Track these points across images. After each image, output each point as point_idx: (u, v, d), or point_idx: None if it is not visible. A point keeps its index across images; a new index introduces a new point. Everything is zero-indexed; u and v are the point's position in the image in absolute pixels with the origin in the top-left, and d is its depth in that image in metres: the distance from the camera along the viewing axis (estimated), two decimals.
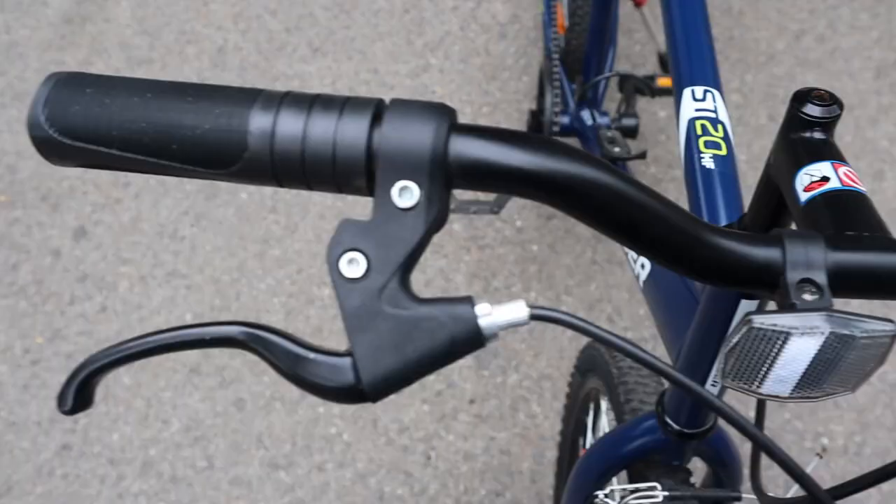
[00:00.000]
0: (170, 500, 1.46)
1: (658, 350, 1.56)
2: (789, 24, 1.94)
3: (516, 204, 1.73)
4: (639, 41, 1.93)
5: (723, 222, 0.67)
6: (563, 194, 0.36)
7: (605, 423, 1.02)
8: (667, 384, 0.75)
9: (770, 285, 0.38)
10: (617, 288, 1.63)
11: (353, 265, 0.36)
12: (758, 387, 0.38)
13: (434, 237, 0.38)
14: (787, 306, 0.36)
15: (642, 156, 1.18)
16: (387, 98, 0.37)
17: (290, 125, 0.35)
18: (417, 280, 1.65)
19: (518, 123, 1.82)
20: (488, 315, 0.36)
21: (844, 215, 0.41)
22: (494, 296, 1.63)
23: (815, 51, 1.90)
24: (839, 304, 0.36)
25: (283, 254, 1.71)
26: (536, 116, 1.31)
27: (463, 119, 1.88)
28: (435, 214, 0.36)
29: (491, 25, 1.99)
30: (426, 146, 0.35)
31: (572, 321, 0.36)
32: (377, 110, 0.36)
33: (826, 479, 1.43)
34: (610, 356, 0.98)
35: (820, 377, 0.37)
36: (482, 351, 1.56)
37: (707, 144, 0.69)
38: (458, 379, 1.55)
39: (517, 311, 0.36)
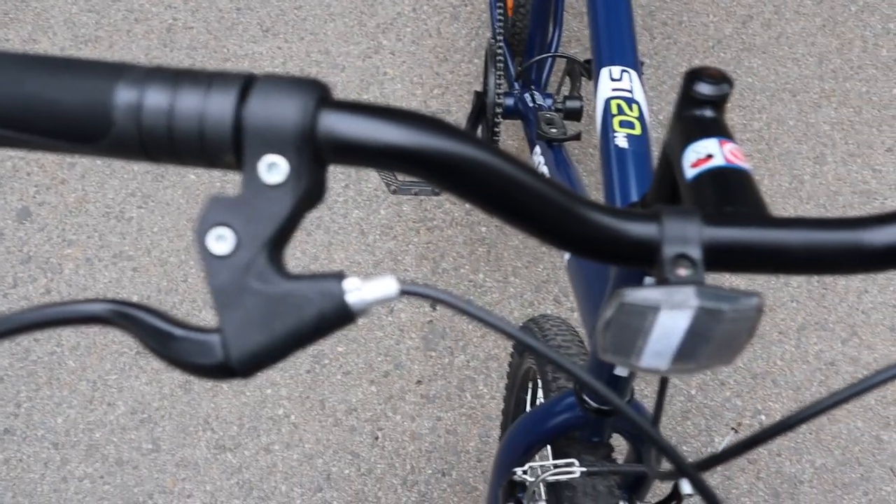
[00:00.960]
0: (115, 483, 1.45)
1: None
2: (737, 8, 1.97)
3: None
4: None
5: (633, 200, 0.68)
6: (435, 170, 0.37)
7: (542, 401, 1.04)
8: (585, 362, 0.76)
9: (648, 260, 0.38)
10: (564, 270, 1.65)
11: (221, 241, 0.36)
12: (636, 360, 0.39)
13: (386, 217, 0.38)
14: (660, 281, 0.37)
15: (577, 137, 1.19)
16: (341, 80, 0.37)
17: (156, 100, 0.35)
18: (366, 262, 1.65)
19: (468, 106, 1.83)
20: (357, 290, 0.36)
21: (726, 192, 0.42)
22: (443, 277, 1.64)
23: (761, 36, 1.93)
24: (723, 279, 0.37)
25: None
26: (481, 98, 1.32)
27: (414, 102, 1.89)
28: (304, 191, 0.36)
29: (443, 7, 1.99)
30: (292, 121, 0.35)
31: (443, 297, 0.37)
32: (245, 85, 0.36)
33: (764, 454, 1.47)
34: (541, 334, 0.99)
35: (694, 350, 0.38)
36: (430, 332, 1.58)
37: (621, 124, 0.70)
38: (405, 360, 1.56)
39: (387, 286, 0.37)
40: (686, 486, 0.74)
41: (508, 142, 1.81)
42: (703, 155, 0.44)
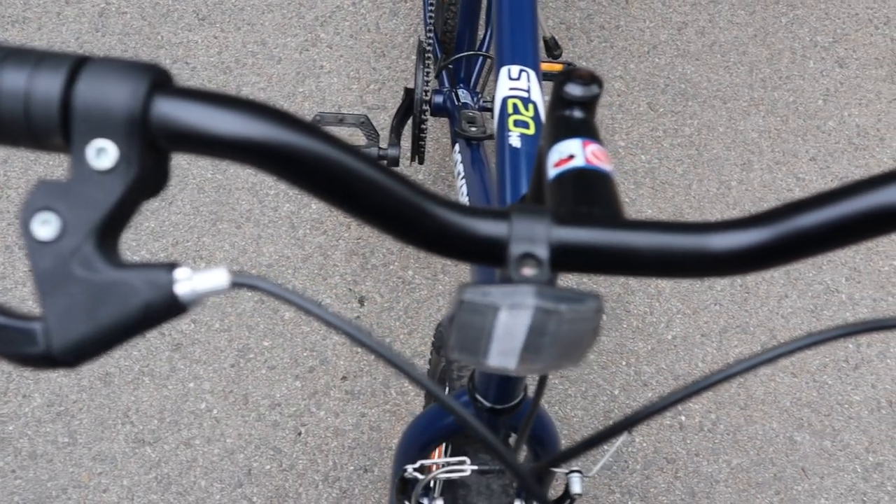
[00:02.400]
0: (27, 477, 1.42)
1: None
2: (673, 15, 2.00)
3: None
4: None
5: None
6: (276, 163, 0.36)
7: None
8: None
9: (497, 259, 0.38)
10: None
11: (46, 226, 0.35)
12: (484, 359, 0.39)
13: (317, 212, 0.37)
14: (505, 280, 0.37)
15: (492, 136, 1.19)
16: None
17: None
18: (295, 256, 1.64)
19: None
20: (187, 281, 0.36)
21: (583, 193, 0.42)
22: (372, 273, 1.63)
23: (695, 43, 1.96)
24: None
25: (158, 226, 1.67)
26: (410, 94, 1.32)
27: (349, 97, 1.88)
28: (135, 178, 0.35)
29: (383, 2, 1.98)
30: (122, 105, 0.34)
31: (273, 289, 0.37)
32: (76, 66, 0.35)
33: (682, 454, 1.49)
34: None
35: (540, 349, 0.38)
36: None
37: (516, 123, 0.70)
38: (331, 355, 1.55)
39: (217, 277, 0.36)
40: (576, 485, 0.75)
41: (444, 139, 1.81)
42: (565, 155, 0.44)
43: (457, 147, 1.13)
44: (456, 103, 1.26)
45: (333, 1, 1.97)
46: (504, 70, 0.75)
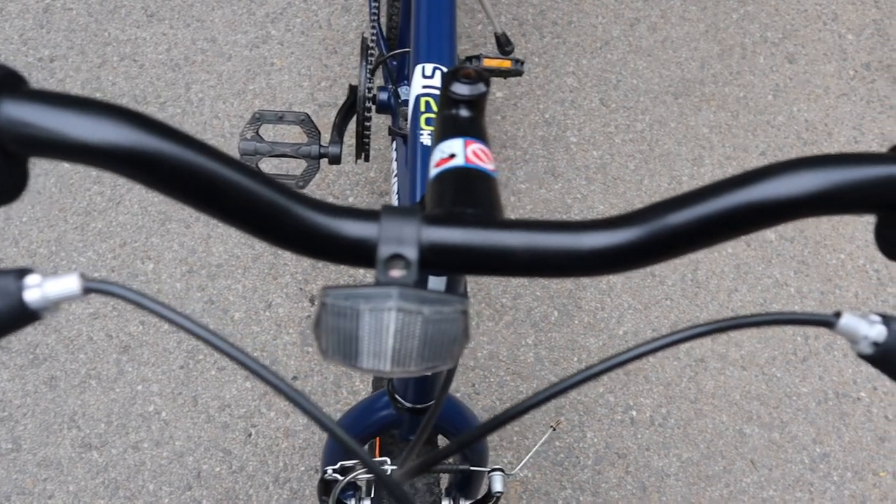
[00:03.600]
0: None
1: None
2: (625, 11, 2.01)
3: (349, 181, 1.72)
4: (481, 21, 1.95)
5: None
6: (132, 167, 0.35)
7: None
8: None
9: (367, 260, 0.38)
10: None
11: None
12: (357, 362, 0.39)
13: None
14: (378, 283, 0.37)
15: None
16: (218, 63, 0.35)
17: None
18: (245, 255, 1.62)
19: None
20: (37, 288, 0.35)
21: (461, 192, 0.42)
22: (323, 272, 1.62)
23: (647, 39, 1.97)
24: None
25: (106, 226, 1.64)
26: (355, 91, 1.30)
27: (300, 94, 1.86)
28: None
29: None
30: None
31: (128, 295, 0.36)
32: None
33: (633, 449, 1.50)
34: None
35: (410, 351, 0.38)
36: (308, 328, 1.56)
37: (427, 121, 0.69)
38: (281, 355, 1.54)
39: (69, 283, 0.35)
40: (497, 484, 0.75)
41: None
42: (446, 154, 0.44)
43: (394, 145, 1.12)
44: (397, 100, 1.25)
45: None
46: (419, 68, 0.74)
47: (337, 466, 0.70)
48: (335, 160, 1.16)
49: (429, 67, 0.74)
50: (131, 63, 1.84)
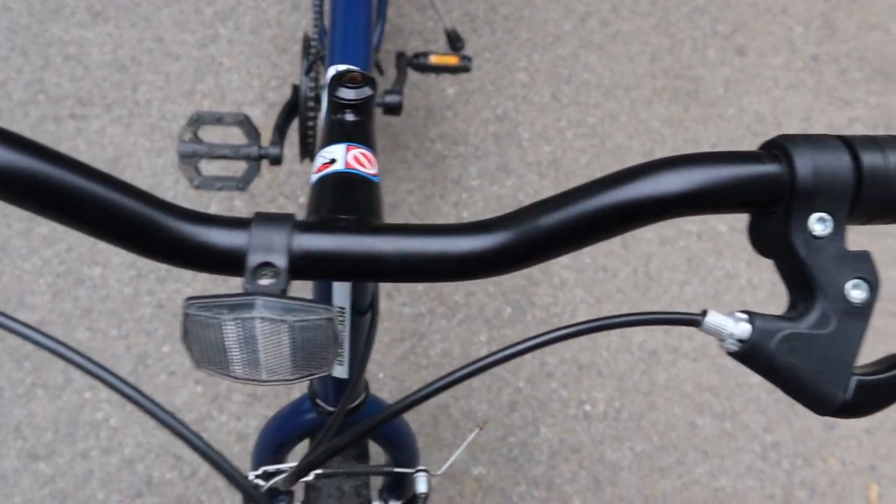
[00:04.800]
0: None
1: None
2: (576, 6, 2.01)
3: (300, 180, 1.71)
4: (431, 17, 1.94)
5: None
6: None
7: None
8: None
9: (238, 269, 0.38)
10: None
11: None
12: (231, 371, 0.39)
13: (218, 212, 0.35)
14: (245, 292, 0.37)
15: None
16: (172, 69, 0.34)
17: None
18: None
19: None
20: None
21: (339, 197, 0.42)
22: None
23: (598, 33, 1.98)
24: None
25: (51, 232, 1.61)
26: (297, 91, 1.29)
27: (250, 94, 1.84)
28: None
29: None
30: None
31: None
32: None
33: (587, 443, 1.51)
34: None
35: (281, 359, 0.38)
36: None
37: None
38: None
39: None
40: (422, 485, 0.75)
41: None
42: (327, 160, 0.44)
43: None
44: None
45: None
46: (331, 70, 0.74)
47: (260, 472, 0.70)
48: (276, 161, 1.15)
49: (342, 69, 0.73)
50: (76, 64, 1.80)
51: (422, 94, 1.84)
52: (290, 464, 0.73)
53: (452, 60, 1.51)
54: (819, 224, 0.40)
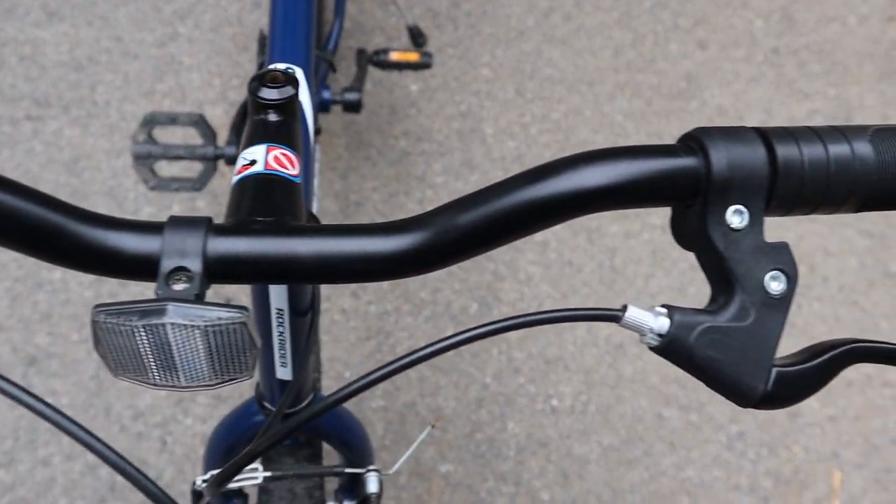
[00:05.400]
0: None
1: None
2: (539, 1, 2.01)
3: None
4: (394, 13, 1.93)
5: None
6: None
7: None
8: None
9: (152, 274, 0.37)
10: None
11: None
12: (150, 379, 0.38)
13: (179, 213, 0.34)
14: (157, 297, 0.36)
15: (317, 132, 1.17)
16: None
17: None
18: None
19: None
20: None
21: (259, 199, 0.42)
22: None
23: (561, 28, 1.98)
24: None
25: None
26: None
27: (211, 93, 1.82)
28: None
29: None
30: None
31: None
32: None
33: (554, 437, 1.51)
34: None
35: (201, 365, 0.37)
36: None
37: None
38: None
39: None
40: (373, 485, 0.74)
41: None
42: (247, 161, 0.43)
43: None
44: None
45: None
46: (272, 68, 0.73)
47: (208, 476, 0.69)
48: (232, 161, 1.14)
49: (281, 67, 0.72)
50: (31, 64, 1.77)
51: (385, 91, 1.83)
52: (249, 466, 0.72)
53: (413, 57, 1.50)
54: (736, 216, 0.41)
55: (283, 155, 0.43)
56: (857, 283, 1.71)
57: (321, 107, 1.30)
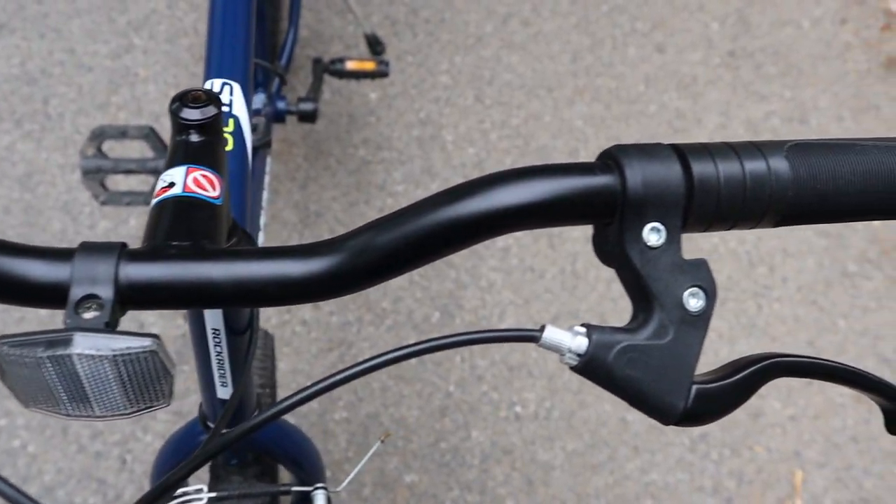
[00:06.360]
0: None
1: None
2: (497, 7, 2.01)
3: None
4: (352, 21, 1.92)
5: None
6: None
7: None
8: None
9: (61, 302, 0.36)
10: None
11: None
12: (64, 410, 0.37)
13: (136, 227, 0.32)
14: (66, 327, 0.35)
15: (267, 144, 1.16)
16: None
17: None
18: None
19: None
20: None
21: (176, 223, 0.41)
22: None
23: (519, 34, 1.98)
24: None
25: None
26: None
27: (167, 105, 1.80)
28: None
29: (199, 4, 1.91)
30: None
31: None
32: None
33: (518, 444, 1.51)
34: None
35: (114, 394, 0.37)
36: (182, 346, 1.51)
37: None
38: None
39: None
40: (320, 501, 0.73)
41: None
42: (166, 183, 0.43)
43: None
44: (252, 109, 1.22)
45: (148, 4, 1.89)
46: (207, 85, 0.72)
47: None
48: None
49: (217, 83, 0.71)
50: None
51: (344, 100, 1.82)
52: (189, 487, 0.72)
53: (369, 65, 1.50)
54: (653, 234, 0.40)
55: (204, 176, 0.43)
56: (816, 283, 1.73)
57: (276, 118, 1.29)
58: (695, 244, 1.75)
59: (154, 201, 0.42)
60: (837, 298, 1.71)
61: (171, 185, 0.42)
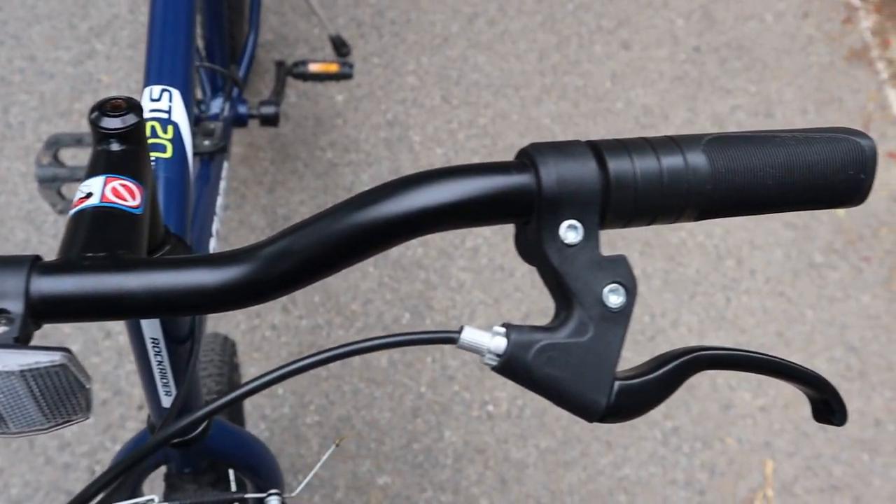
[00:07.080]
0: None
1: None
2: (463, 7, 2.02)
3: None
4: (317, 24, 1.92)
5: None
6: None
7: None
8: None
9: None
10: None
11: None
12: (2, 428, 0.37)
13: None
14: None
15: (223, 149, 1.15)
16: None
17: None
18: None
19: None
20: None
21: (92, 234, 0.41)
22: None
23: (486, 33, 1.99)
24: None
25: None
26: None
27: None
28: None
29: None
30: None
31: None
32: None
33: (491, 443, 1.51)
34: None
35: (29, 410, 0.36)
36: None
37: (153, 147, 0.67)
38: (125, 385, 1.47)
39: None
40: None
41: (235, 149, 1.75)
42: (84, 194, 0.42)
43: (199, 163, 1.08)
44: (210, 114, 1.21)
45: (110, 10, 1.87)
46: (146, 91, 0.72)
47: None
48: None
49: (156, 90, 0.71)
50: None
51: (310, 103, 1.82)
52: (140, 498, 0.71)
53: (333, 68, 1.49)
54: (570, 232, 0.40)
55: (123, 186, 0.42)
56: (783, 274, 1.74)
57: (236, 122, 1.28)
58: (663, 238, 1.76)
59: (71, 212, 0.42)
60: (805, 289, 1.73)
61: (89, 195, 0.42)
